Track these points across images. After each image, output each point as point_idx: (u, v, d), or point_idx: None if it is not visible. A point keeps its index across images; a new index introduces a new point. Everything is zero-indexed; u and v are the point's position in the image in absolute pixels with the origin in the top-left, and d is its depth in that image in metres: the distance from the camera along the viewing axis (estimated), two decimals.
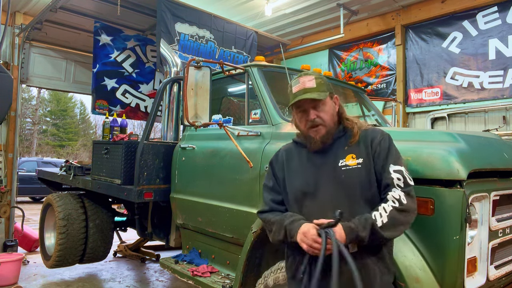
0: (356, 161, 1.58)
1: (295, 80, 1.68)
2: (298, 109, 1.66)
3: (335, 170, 1.59)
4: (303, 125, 1.67)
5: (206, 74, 2.56)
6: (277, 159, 1.80)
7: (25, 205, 10.37)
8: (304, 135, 1.70)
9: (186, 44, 4.76)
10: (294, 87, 1.66)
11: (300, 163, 1.70)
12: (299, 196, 1.64)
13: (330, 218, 1.48)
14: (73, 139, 32.58)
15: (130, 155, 3.53)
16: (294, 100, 1.63)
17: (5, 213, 5.29)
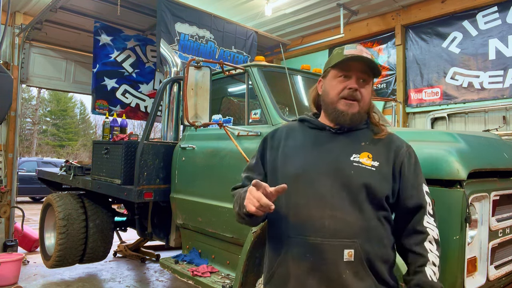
0: (371, 162, 1.36)
1: (349, 45, 1.43)
2: (341, 71, 1.39)
3: (345, 163, 1.35)
4: (337, 92, 1.39)
5: (206, 74, 2.56)
6: (274, 136, 1.53)
7: (25, 205, 10.37)
8: (329, 104, 1.41)
9: (186, 44, 4.76)
10: (347, 50, 1.39)
11: (303, 143, 1.44)
12: (292, 181, 1.34)
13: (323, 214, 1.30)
14: (73, 139, 32.59)
15: (130, 155, 3.53)
16: (347, 57, 1.36)
17: (5, 213, 5.29)
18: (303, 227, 1.32)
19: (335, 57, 1.42)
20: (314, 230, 1.30)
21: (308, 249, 1.30)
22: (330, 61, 1.44)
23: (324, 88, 1.46)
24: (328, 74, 1.44)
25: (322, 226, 1.30)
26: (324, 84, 1.46)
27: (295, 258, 1.32)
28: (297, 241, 1.32)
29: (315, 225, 1.31)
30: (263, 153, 1.53)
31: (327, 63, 1.48)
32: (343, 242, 1.29)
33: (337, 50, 1.44)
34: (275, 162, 1.45)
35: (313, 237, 1.30)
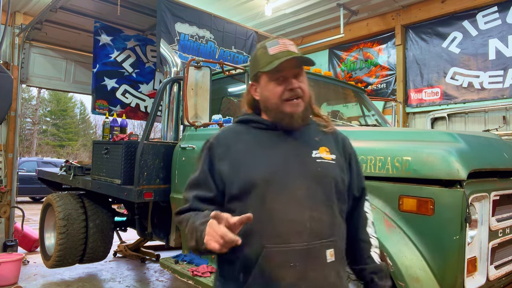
0: (330, 156, 1.35)
1: (270, 41, 1.34)
2: (276, 74, 1.30)
3: (310, 161, 1.31)
4: (278, 96, 1.30)
5: (206, 74, 2.56)
6: (218, 144, 1.35)
7: (25, 205, 10.37)
8: (274, 110, 1.32)
9: (186, 44, 4.76)
10: (271, 49, 1.31)
11: (258, 146, 1.32)
12: (261, 188, 1.24)
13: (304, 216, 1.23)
14: (73, 139, 32.59)
15: (130, 155, 3.53)
16: (279, 61, 1.26)
17: (5, 213, 5.29)
18: (284, 234, 1.21)
19: (261, 59, 1.32)
20: (298, 235, 1.22)
21: (293, 257, 1.20)
22: (257, 64, 1.33)
23: (262, 94, 1.35)
24: (260, 79, 1.34)
25: (304, 229, 1.23)
26: (261, 90, 1.35)
27: (276, 270, 1.20)
28: (279, 250, 1.20)
29: (297, 229, 1.22)
30: (211, 165, 1.33)
31: (254, 66, 1.36)
32: (324, 242, 1.25)
33: (261, 50, 1.34)
34: (231, 173, 1.29)
35: (298, 243, 1.21)
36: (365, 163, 1.97)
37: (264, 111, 1.38)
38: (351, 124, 3.41)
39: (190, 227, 1.24)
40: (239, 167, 1.28)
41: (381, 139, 2.14)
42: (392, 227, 1.79)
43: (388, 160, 1.88)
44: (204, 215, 1.22)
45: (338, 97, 3.86)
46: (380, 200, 1.88)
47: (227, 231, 1.07)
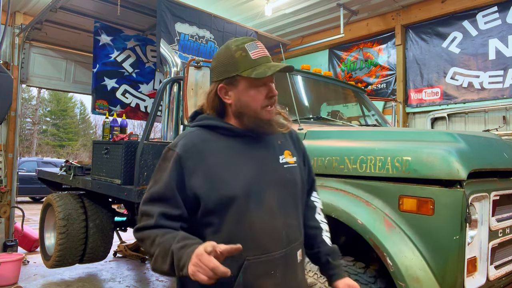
0: (292, 159, 1.37)
1: (248, 44, 1.27)
2: (256, 81, 1.26)
3: (279, 168, 1.32)
4: (260, 103, 1.27)
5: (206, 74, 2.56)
6: (186, 155, 1.24)
7: (25, 205, 10.37)
8: (251, 116, 1.28)
9: (186, 44, 4.76)
10: (252, 53, 1.26)
11: (232, 157, 1.26)
12: (240, 201, 1.21)
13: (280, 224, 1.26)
14: (73, 139, 32.60)
15: (130, 155, 3.53)
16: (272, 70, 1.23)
17: (5, 213, 5.29)
18: (264, 245, 1.23)
19: (241, 62, 1.25)
20: (276, 244, 1.25)
21: (273, 265, 1.23)
22: (236, 67, 1.25)
23: (239, 99, 1.27)
24: (239, 83, 1.26)
25: (281, 237, 1.26)
26: (237, 95, 1.28)
27: (258, 280, 1.21)
28: (260, 261, 1.21)
29: (275, 238, 1.25)
30: (180, 180, 1.22)
31: (229, 68, 1.27)
32: (295, 245, 1.31)
33: (239, 52, 1.26)
34: (207, 188, 1.21)
35: (278, 251, 1.24)
36: (365, 163, 1.97)
37: (236, 116, 1.31)
38: (351, 124, 3.41)
39: (161, 249, 1.13)
40: (215, 182, 1.21)
41: (381, 139, 2.14)
42: (392, 227, 1.79)
43: (388, 160, 1.88)
44: (179, 239, 1.12)
45: (338, 97, 3.86)
46: (380, 200, 1.88)
47: (218, 264, 0.99)
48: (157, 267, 1.15)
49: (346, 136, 2.38)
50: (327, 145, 2.25)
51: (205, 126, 1.32)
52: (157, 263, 1.14)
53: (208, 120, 1.33)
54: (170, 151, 1.27)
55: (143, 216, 1.24)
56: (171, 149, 1.28)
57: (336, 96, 3.83)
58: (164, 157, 1.29)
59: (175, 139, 1.32)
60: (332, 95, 3.79)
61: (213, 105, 1.33)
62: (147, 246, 1.20)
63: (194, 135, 1.30)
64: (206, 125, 1.32)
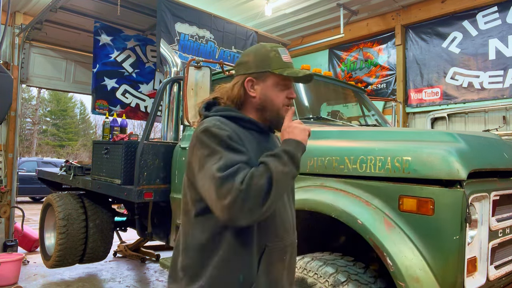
0: None
1: (280, 48, 1.40)
2: (285, 81, 1.38)
3: None
4: (281, 100, 1.37)
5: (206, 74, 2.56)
6: (230, 129, 1.26)
7: (25, 205, 10.37)
8: (273, 111, 1.37)
9: (186, 44, 4.76)
10: (284, 56, 1.38)
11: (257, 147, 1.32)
12: None
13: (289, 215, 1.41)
14: (73, 139, 32.60)
15: (130, 155, 3.53)
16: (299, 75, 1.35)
17: (5, 213, 5.29)
18: (281, 232, 1.35)
19: (274, 61, 1.35)
20: (288, 232, 1.39)
21: (285, 251, 1.37)
22: (268, 64, 1.35)
23: (265, 94, 1.36)
24: (268, 79, 1.36)
25: (290, 226, 1.41)
26: (263, 89, 1.36)
27: (273, 264, 1.32)
28: (277, 247, 1.33)
29: (286, 227, 1.38)
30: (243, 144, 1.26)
31: (261, 64, 1.36)
32: (296, 235, 1.47)
33: (273, 53, 1.37)
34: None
35: (289, 238, 1.40)
36: (365, 163, 1.97)
37: (258, 109, 1.38)
38: (351, 124, 3.41)
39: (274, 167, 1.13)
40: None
41: (381, 139, 2.14)
42: (392, 227, 1.79)
43: (388, 160, 1.88)
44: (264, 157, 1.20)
45: (338, 97, 3.86)
46: (380, 200, 1.88)
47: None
48: (286, 172, 1.16)
49: (346, 136, 2.38)
50: (327, 145, 2.25)
51: (227, 116, 1.32)
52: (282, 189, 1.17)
53: (231, 111, 1.35)
54: (210, 128, 1.22)
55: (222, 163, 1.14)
56: (210, 127, 1.23)
57: (336, 96, 3.83)
58: (209, 133, 1.22)
59: (206, 123, 1.26)
60: (332, 95, 3.79)
61: (235, 96, 1.38)
62: (259, 182, 1.11)
63: (223, 121, 1.28)
64: (229, 115, 1.33)
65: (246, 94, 1.38)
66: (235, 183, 1.10)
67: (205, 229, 1.26)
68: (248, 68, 1.38)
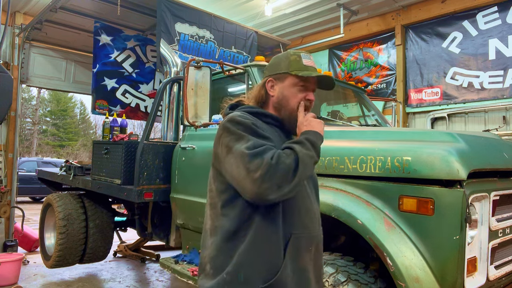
0: None
1: (303, 53, 1.48)
2: (303, 82, 1.44)
3: None
4: (298, 100, 1.43)
5: (206, 74, 2.56)
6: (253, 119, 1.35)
7: (25, 205, 10.37)
8: (289, 111, 1.44)
9: (186, 44, 4.76)
10: (305, 60, 1.46)
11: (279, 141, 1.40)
12: None
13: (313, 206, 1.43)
14: (73, 139, 32.59)
15: (130, 155, 3.53)
16: (318, 74, 1.43)
17: (5, 213, 5.29)
18: (308, 223, 1.38)
19: (294, 64, 1.44)
20: (313, 224, 1.41)
21: (311, 242, 1.39)
22: (288, 65, 1.44)
23: (282, 93, 1.45)
24: (286, 80, 1.44)
25: (315, 218, 1.44)
26: (281, 88, 1.45)
27: (300, 253, 1.34)
28: (303, 236, 1.36)
29: (312, 218, 1.41)
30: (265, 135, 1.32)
31: (282, 66, 1.46)
32: (321, 228, 1.48)
33: (294, 57, 1.46)
34: None
35: (315, 229, 1.42)
36: (365, 163, 1.97)
37: (275, 107, 1.46)
38: (351, 124, 3.41)
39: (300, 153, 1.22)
40: None
41: (381, 139, 2.14)
42: (392, 227, 1.79)
43: (388, 160, 1.88)
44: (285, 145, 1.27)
45: (338, 97, 3.86)
46: (380, 200, 1.88)
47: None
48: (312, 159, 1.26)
49: (346, 136, 2.38)
50: (327, 145, 2.25)
51: (251, 112, 1.41)
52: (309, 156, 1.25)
53: (253, 108, 1.46)
54: (235, 117, 1.31)
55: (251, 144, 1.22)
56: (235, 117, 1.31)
57: (336, 96, 3.83)
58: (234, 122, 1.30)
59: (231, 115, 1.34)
60: (332, 95, 3.79)
61: (257, 96, 1.49)
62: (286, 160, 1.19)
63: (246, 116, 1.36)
64: (253, 111, 1.42)
65: (267, 94, 1.48)
66: (265, 158, 1.18)
67: (233, 218, 1.30)
68: (271, 70, 1.49)
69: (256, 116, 1.40)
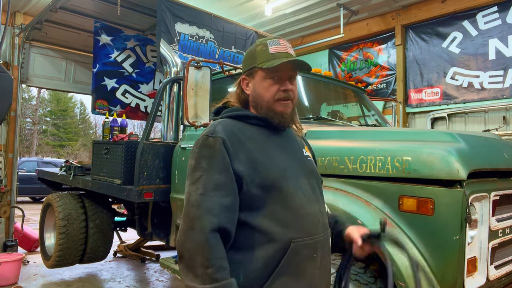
0: (310, 154, 1.46)
1: (271, 40, 1.35)
2: (273, 73, 1.32)
3: (304, 159, 1.40)
4: (271, 94, 1.32)
5: (206, 74, 2.56)
6: (229, 139, 1.25)
7: (25, 205, 10.37)
8: (265, 107, 1.33)
9: (186, 44, 4.76)
10: (272, 48, 1.33)
11: (266, 145, 1.31)
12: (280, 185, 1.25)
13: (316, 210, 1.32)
14: (73, 139, 32.60)
15: (130, 155, 3.53)
16: (280, 60, 1.29)
17: (5, 213, 5.29)
18: (307, 228, 1.27)
19: (260, 55, 1.33)
20: (316, 228, 1.30)
21: (315, 249, 1.28)
22: (255, 59, 1.34)
23: (254, 89, 1.36)
24: (256, 74, 1.35)
25: (318, 222, 1.31)
26: (254, 85, 1.36)
27: (303, 263, 1.24)
28: (306, 244, 1.25)
29: (314, 222, 1.30)
30: (229, 164, 1.22)
31: (250, 61, 1.36)
32: (328, 231, 1.39)
33: (260, 47, 1.35)
34: (250, 171, 1.23)
35: (319, 235, 1.30)
36: (365, 163, 1.97)
37: (253, 106, 1.38)
38: (351, 124, 3.41)
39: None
40: (257, 165, 1.24)
41: (381, 139, 2.14)
42: (392, 227, 1.79)
43: (388, 160, 1.88)
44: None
45: (338, 97, 3.86)
46: (380, 200, 1.88)
47: None
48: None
49: (346, 136, 2.38)
50: (327, 145, 2.25)
51: (234, 116, 1.35)
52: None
53: (237, 111, 1.37)
54: (210, 137, 1.25)
55: (195, 213, 1.17)
56: (210, 136, 1.25)
57: (336, 96, 3.83)
58: (205, 144, 1.25)
59: (208, 128, 1.29)
60: (332, 95, 3.79)
61: (237, 96, 1.41)
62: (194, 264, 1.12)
63: (228, 122, 1.32)
64: (236, 115, 1.35)
65: (244, 93, 1.40)
66: (187, 241, 1.15)
67: None
68: (244, 68, 1.41)
69: (239, 119, 1.33)
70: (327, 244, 1.36)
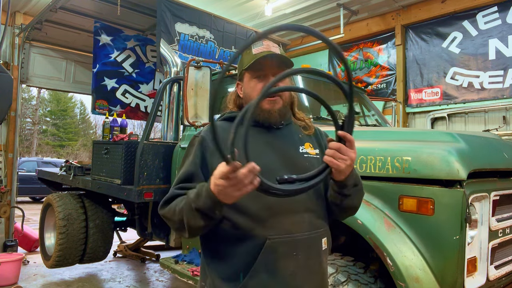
0: (314, 150, 1.43)
1: (256, 42, 1.34)
2: (256, 73, 1.36)
3: (297, 157, 1.37)
4: (255, 94, 1.33)
5: (206, 74, 2.56)
6: (208, 134, 1.34)
7: (25, 205, 10.37)
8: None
9: (186, 44, 4.76)
10: (255, 49, 1.36)
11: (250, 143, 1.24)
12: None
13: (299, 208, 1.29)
14: (73, 139, 32.59)
15: (130, 155, 3.53)
16: (257, 57, 1.33)
17: (5, 213, 5.29)
18: (286, 225, 1.27)
19: (245, 58, 1.39)
20: (298, 226, 1.29)
21: (295, 247, 1.27)
22: (242, 63, 1.42)
23: (245, 91, 1.42)
24: (244, 77, 1.42)
25: (302, 221, 1.30)
26: (244, 88, 1.42)
27: (279, 260, 1.24)
28: (282, 241, 1.25)
29: (296, 221, 1.29)
30: (203, 159, 1.32)
31: (239, 65, 1.45)
32: (320, 232, 1.34)
33: (247, 51, 1.40)
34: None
35: (301, 233, 1.28)
36: (365, 163, 1.97)
37: None
38: None
39: (185, 211, 1.21)
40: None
41: (381, 139, 2.14)
42: (392, 227, 1.79)
43: (388, 160, 1.88)
44: (191, 192, 1.22)
45: (338, 97, 3.86)
46: (380, 200, 1.88)
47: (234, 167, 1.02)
48: (194, 228, 1.21)
49: None
50: None
51: (227, 118, 1.43)
52: (191, 224, 1.20)
53: (229, 113, 1.46)
54: (195, 137, 1.41)
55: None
56: (196, 136, 1.41)
57: (336, 96, 3.83)
58: (190, 143, 1.42)
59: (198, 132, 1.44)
60: (332, 95, 3.78)
61: (234, 102, 1.49)
62: (171, 221, 1.34)
63: (217, 124, 1.33)
64: (227, 117, 1.44)
65: (239, 98, 1.47)
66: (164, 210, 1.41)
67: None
68: (238, 73, 1.48)
69: (231, 121, 1.33)
70: (316, 244, 1.32)
